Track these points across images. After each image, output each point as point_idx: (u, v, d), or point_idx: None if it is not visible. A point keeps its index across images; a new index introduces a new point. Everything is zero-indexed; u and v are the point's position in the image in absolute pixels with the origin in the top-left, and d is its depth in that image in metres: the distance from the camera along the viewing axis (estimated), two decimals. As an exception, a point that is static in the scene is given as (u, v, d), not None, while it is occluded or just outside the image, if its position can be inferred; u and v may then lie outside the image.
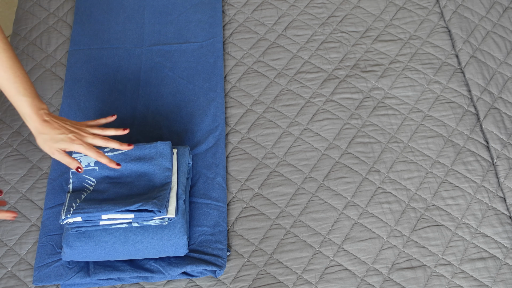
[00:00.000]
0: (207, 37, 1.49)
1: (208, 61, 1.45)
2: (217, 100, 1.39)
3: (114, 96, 1.41)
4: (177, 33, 1.50)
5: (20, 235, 1.27)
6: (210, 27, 1.51)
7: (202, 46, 1.48)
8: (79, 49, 1.47)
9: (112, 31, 1.51)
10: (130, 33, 1.51)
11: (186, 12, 1.53)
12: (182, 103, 1.39)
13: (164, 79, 1.43)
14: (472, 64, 1.45)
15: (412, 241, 1.24)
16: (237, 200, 1.29)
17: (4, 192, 1.31)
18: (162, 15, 1.53)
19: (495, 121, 1.37)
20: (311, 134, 1.37)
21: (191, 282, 1.21)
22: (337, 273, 1.21)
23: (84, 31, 1.50)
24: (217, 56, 1.46)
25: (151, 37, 1.49)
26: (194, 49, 1.47)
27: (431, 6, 1.56)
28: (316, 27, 1.53)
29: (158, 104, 1.39)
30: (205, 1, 1.55)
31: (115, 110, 1.39)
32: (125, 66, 1.45)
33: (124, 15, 1.54)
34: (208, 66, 1.44)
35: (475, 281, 1.20)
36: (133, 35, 1.50)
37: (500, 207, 1.28)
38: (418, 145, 1.35)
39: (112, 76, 1.44)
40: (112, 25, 1.52)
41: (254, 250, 1.24)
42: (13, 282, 1.22)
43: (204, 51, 1.47)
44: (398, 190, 1.30)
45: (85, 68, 1.45)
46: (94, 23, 1.52)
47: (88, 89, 1.42)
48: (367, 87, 1.43)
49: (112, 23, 1.52)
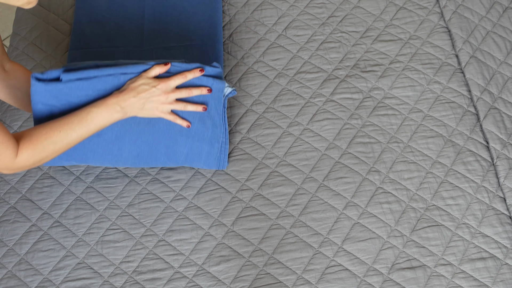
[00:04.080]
0: (208, 37, 1.48)
1: (208, 62, 1.45)
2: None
3: None
4: (176, 34, 1.49)
5: (20, 235, 1.27)
6: (210, 27, 1.50)
7: (202, 47, 1.47)
8: (79, 49, 1.47)
9: (112, 32, 1.50)
10: (130, 34, 1.50)
11: (185, 12, 1.53)
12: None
13: None
14: (472, 64, 1.45)
15: (412, 241, 1.24)
16: (237, 200, 1.29)
17: (4, 192, 1.32)
18: (162, 16, 1.52)
19: (495, 121, 1.37)
20: (311, 134, 1.37)
21: (191, 282, 1.21)
22: (337, 273, 1.21)
23: (83, 32, 1.50)
24: (217, 56, 1.45)
25: (150, 38, 1.49)
26: (194, 50, 1.46)
27: (431, 6, 1.56)
28: (316, 27, 1.53)
29: None
30: (205, 2, 1.54)
31: None
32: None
33: (124, 15, 1.53)
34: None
35: (475, 281, 1.20)
36: (132, 35, 1.50)
37: (500, 207, 1.28)
38: (418, 145, 1.35)
39: None
40: (112, 25, 1.51)
41: (254, 250, 1.24)
42: (13, 282, 1.22)
43: (204, 51, 1.46)
44: (398, 190, 1.30)
45: None
46: (93, 24, 1.51)
47: None
48: (367, 87, 1.43)
49: (112, 23, 1.52)
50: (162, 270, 1.23)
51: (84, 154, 1.25)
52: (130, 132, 1.24)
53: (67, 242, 1.26)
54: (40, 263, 1.24)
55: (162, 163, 1.28)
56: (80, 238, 1.26)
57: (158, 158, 1.27)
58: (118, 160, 1.27)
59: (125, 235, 1.26)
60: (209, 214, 1.28)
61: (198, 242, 1.25)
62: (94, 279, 1.22)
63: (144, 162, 1.28)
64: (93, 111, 1.14)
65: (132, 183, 1.32)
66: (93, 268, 1.23)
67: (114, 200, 1.30)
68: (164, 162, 1.28)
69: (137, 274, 1.22)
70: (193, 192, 1.31)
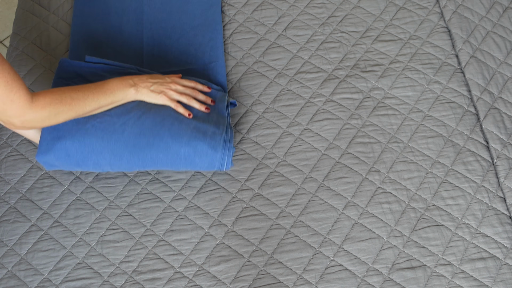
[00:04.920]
0: (209, 60, 1.44)
1: (211, 85, 1.39)
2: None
3: None
4: (177, 58, 1.45)
5: (20, 235, 1.27)
6: (212, 50, 1.46)
7: (204, 70, 1.43)
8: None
9: (110, 57, 1.45)
10: (129, 59, 1.45)
11: (185, 35, 1.48)
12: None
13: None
14: (472, 64, 1.45)
15: (412, 241, 1.24)
16: (237, 200, 1.29)
17: (4, 192, 1.32)
18: (161, 39, 1.47)
19: (495, 121, 1.37)
20: (311, 134, 1.37)
21: (191, 282, 1.21)
22: (337, 273, 1.21)
23: (81, 58, 1.45)
24: (220, 81, 1.41)
25: (150, 63, 1.44)
26: (196, 74, 1.42)
27: (431, 6, 1.56)
28: (316, 27, 1.53)
29: None
30: (205, 23, 1.50)
31: None
32: None
33: (121, 40, 1.48)
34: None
35: (475, 281, 1.20)
36: (131, 61, 1.45)
37: (500, 207, 1.28)
38: (418, 145, 1.35)
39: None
40: (109, 51, 1.46)
41: (254, 250, 1.24)
42: (13, 282, 1.22)
43: (206, 75, 1.42)
44: (398, 190, 1.30)
45: None
46: (91, 49, 1.46)
47: None
48: (367, 87, 1.43)
49: (109, 49, 1.47)
50: (162, 270, 1.23)
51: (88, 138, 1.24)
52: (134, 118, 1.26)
53: (67, 242, 1.26)
54: (40, 263, 1.24)
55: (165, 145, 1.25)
56: (80, 238, 1.26)
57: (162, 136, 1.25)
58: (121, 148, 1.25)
59: (125, 235, 1.26)
60: (209, 214, 1.28)
61: (198, 242, 1.25)
62: (94, 279, 1.22)
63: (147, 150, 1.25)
64: (110, 80, 1.23)
65: (132, 182, 1.32)
66: (93, 268, 1.23)
67: (114, 200, 1.30)
68: (167, 145, 1.24)
69: (137, 274, 1.22)
70: (193, 192, 1.30)
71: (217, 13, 1.52)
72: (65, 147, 1.23)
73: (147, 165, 1.25)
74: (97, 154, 1.23)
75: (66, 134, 1.23)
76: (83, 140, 1.23)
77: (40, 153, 1.24)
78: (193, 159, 1.24)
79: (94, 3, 1.54)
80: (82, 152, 1.23)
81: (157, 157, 1.23)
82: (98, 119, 1.24)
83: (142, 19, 1.51)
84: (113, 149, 1.23)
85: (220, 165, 1.26)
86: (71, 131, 1.23)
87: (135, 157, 1.23)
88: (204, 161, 1.25)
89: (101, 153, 1.23)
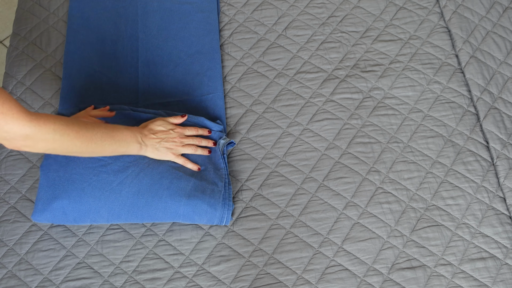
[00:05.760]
0: (207, 91, 1.39)
1: (208, 118, 1.36)
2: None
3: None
4: (173, 87, 1.40)
5: (20, 235, 1.27)
6: (210, 80, 1.41)
7: (202, 102, 1.38)
8: (69, 107, 1.38)
9: (104, 87, 1.40)
10: (124, 89, 1.40)
11: (182, 63, 1.43)
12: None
13: None
14: (472, 64, 1.45)
15: (412, 241, 1.24)
16: (237, 200, 1.29)
17: (4, 192, 1.32)
18: (157, 67, 1.42)
19: (495, 121, 1.37)
20: (311, 134, 1.37)
21: (191, 282, 1.21)
22: (337, 273, 1.21)
23: (74, 87, 1.40)
24: (218, 112, 1.37)
25: (146, 93, 1.39)
26: (193, 104, 1.38)
27: (431, 6, 1.56)
28: (316, 27, 1.53)
29: None
30: (202, 51, 1.45)
31: None
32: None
33: (116, 68, 1.42)
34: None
35: (475, 281, 1.20)
36: (126, 91, 1.40)
37: (500, 207, 1.28)
38: (418, 145, 1.35)
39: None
40: (104, 80, 1.41)
41: (254, 250, 1.24)
42: (13, 282, 1.22)
43: (203, 106, 1.37)
44: (398, 190, 1.30)
45: None
46: (84, 78, 1.41)
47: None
48: (367, 87, 1.43)
49: (104, 78, 1.41)
50: (162, 270, 1.22)
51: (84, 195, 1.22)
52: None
53: (67, 242, 1.26)
54: (40, 263, 1.24)
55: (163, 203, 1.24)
56: (80, 238, 1.26)
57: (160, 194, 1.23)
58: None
59: (125, 234, 1.26)
60: (209, 214, 1.28)
61: (198, 242, 1.25)
62: (94, 279, 1.22)
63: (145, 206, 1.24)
64: (121, 128, 1.20)
65: (132, 183, 1.32)
66: (93, 268, 1.23)
67: (114, 200, 1.30)
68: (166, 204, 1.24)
69: (137, 274, 1.22)
70: (193, 192, 1.30)
71: (215, 40, 1.47)
72: (61, 207, 1.21)
73: (145, 221, 1.25)
74: (94, 213, 1.22)
75: (62, 194, 1.21)
76: (80, 200, 1.21)
77: (36, 212, 1.22)
78: (192, 217, 1.23)
79: (88, 30, 1.49)
80: (79, 211, 1.22)
81: (156, 215, 1.23)
82: (94, 177, 1.22)
83: (137, 46, 1.46)
84: (110, 208, 1.22)
85: (219, 222, 1.25)
86: (67, 190, 1.21)
87: (133, 216, 1.23)
88: (203, 219, 1.24)
89: (98, 212, 1.22)
